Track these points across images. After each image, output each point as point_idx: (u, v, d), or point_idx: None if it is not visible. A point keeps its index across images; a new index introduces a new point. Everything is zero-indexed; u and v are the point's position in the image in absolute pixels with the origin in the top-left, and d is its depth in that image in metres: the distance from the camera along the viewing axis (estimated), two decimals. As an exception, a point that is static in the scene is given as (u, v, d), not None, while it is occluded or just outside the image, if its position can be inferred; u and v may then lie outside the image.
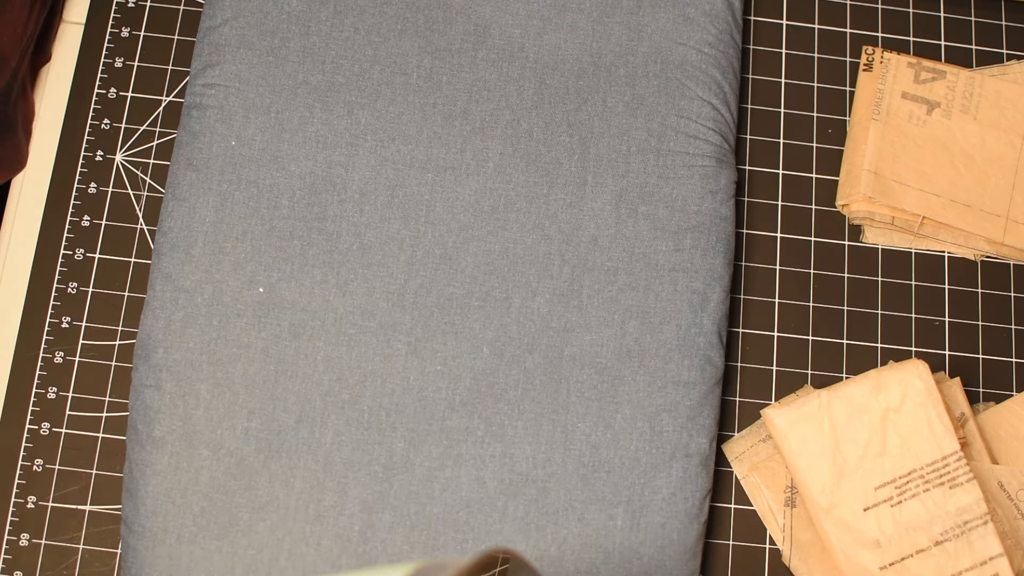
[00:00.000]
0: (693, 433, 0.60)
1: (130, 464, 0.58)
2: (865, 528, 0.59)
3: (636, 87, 0.65)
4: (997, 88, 0.70)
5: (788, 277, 0.67)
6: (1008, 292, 0.68)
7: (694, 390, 0.60)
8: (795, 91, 0.71)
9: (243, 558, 0.56)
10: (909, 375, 0.60)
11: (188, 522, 0.57)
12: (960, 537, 0.59)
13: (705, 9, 0.66)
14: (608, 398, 0.60)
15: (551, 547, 0.58)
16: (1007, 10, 0.74)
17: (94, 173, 0.66)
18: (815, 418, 0.60)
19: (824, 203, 0.69)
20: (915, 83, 0.70)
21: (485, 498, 0.58)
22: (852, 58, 0.72)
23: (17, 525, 0.60)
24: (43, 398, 0.62)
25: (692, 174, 0.64)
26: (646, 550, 0.58)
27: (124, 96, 0.67)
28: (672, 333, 0.61)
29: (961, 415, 0.63)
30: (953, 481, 0.60)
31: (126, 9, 0.69)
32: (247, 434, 0.58)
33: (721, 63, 0.66)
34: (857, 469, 0.60)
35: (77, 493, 0.61)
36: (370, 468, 0.58)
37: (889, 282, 0.68)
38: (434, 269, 0.61)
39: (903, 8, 0.73)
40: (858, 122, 0.69)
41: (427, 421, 0.59)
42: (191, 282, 0.60)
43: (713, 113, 0.65)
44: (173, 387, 0.58)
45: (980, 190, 0.68)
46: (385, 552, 0.57)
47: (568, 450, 0.59)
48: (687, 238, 0.63)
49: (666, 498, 0.59)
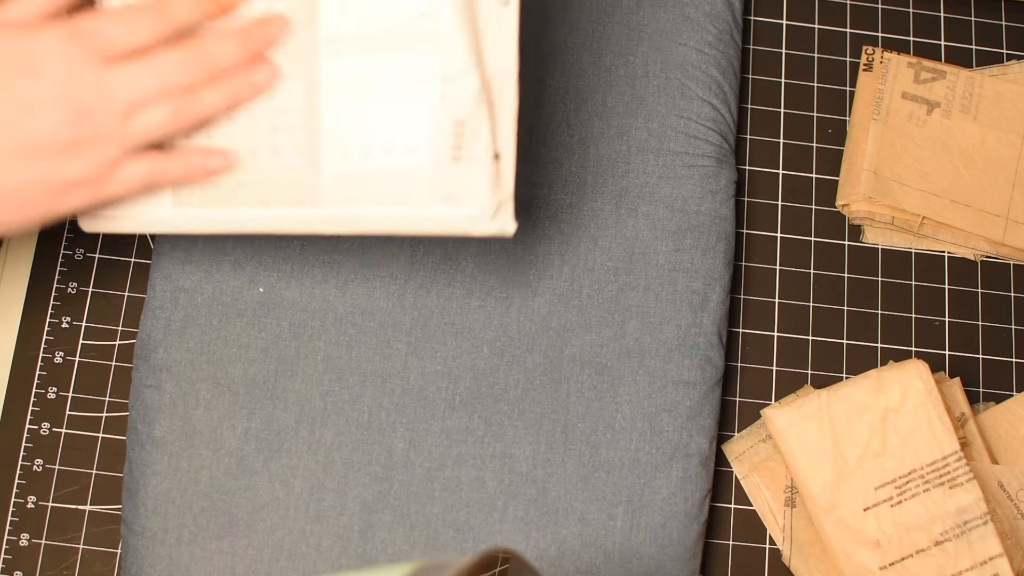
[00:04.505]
0: (693, 433, 0.60)
1: (130, 464, 0.58)
2: (865, 528, 0.59)
3: (636, 87, 0.65)
4: (997, 88, 0.70)
5: (788, 277, 0.67)
6: (1008, 292, 0.68)
7: (694, 390, 0.60)
8: (795, 91, 0.71)
9: (243, 558, 0.56)
10: (909, 375, 0.60)
11: (188, 522, 0.57)
12: (960, 537, 0.59)
13: (705, 9, 0.66)
14: (608, 398, 0.60)
15: (551, 547, 0.58)
16: (1007, 10, 0.74)
17: (94, 173, 0.66)
18: (815, 418, 0.60)
19: (824, 203, 0.69)
20: (915, 83, 0.70)
21: (485, 498, 0.58)
22: (852, 58, 0.72)
23: (17, 525, 0.60)
24: (43, 398, 0.62)
25: (692, 174, 0.64)
26: (646, 550, 0.58)
27: (124, 96, 0.67)
28: (672, 333, 0.61)
29: (961, 415, 0.63)
30: (953, 481, 0.60)
31: (126, 9, 0.69)
32: (247, 434, 0.58)
33: (721, 63, 0.66)
34: (857, 469, 0.60)
35: (77, 493, 0.61)
36: (370, 468, 0.58)
37: (889, 282, 0.68)
38: (434, 269, 0.61)
39: (903, 8, 0.73)
40: (858, 122, 0.69)
41: (427, 421, 0.59)
42: (191, 282, 0.60)
43: (713, 113, 0.65)
44: (173, 387, 0.58)
45: (980, 190, 0.68)
46: (385, 552, 0.57)
47: (568, 450, 0.59)
48: (687, 238, 0.63)
49: (666, 498, 0.59)
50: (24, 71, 0.41)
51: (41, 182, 0.42)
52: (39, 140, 0.41)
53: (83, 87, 0.42)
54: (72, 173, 0.43)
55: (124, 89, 0.43)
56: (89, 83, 0.42)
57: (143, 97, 0.43)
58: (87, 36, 0.42)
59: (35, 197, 0.43)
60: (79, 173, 0.43)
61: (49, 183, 0.42)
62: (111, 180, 0.44)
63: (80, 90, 0.42)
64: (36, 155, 0.42)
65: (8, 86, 0.41)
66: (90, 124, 0.42)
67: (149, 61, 0.43)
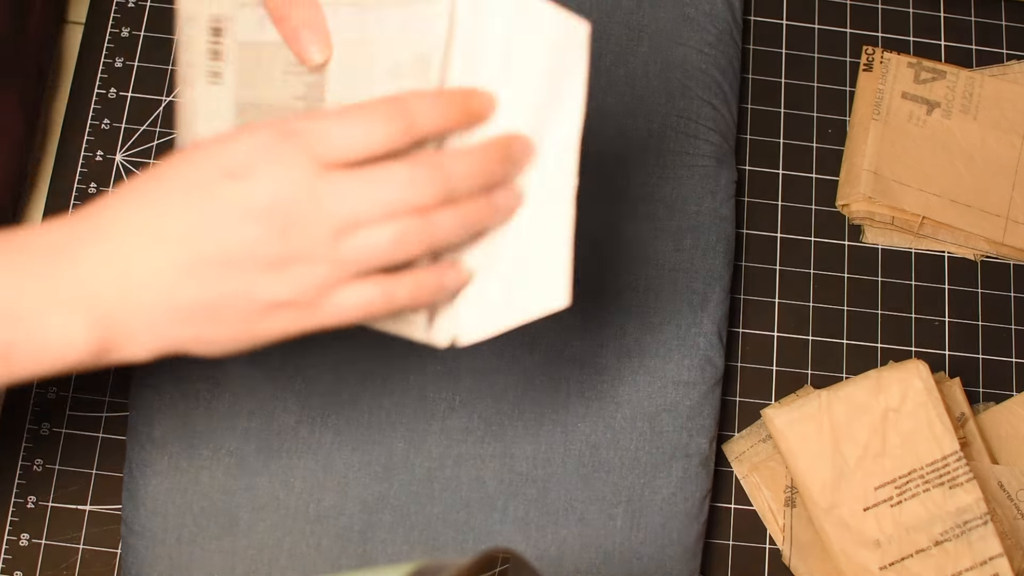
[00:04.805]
0: (693, 433, 0.60)
1: (130, 464, 0.58)
2: (865, 528, 0.59)
3: (636, 87, 0.65)
4: (997, 88, 0.70)
5: (788, 277, 0.67)
6: (1008, 292, 0.68)
7: (694, 390, 0.60)
8: (795, 91, 0.71)
9: (243, 558, 0.56)
10: (909, 375, 0.60)
11: (188, 522, 0.57)
12: (960, 537, 0.59)
13: (705, 9, 0.66)
14: (608, 398, 0.60)
15: (551, 547, 0.58)
16: (1007, 10, 0.74)
17: (94, 173, 0.66)
18: (815, 418, 0.60)
19: (824, 203, 0.69)
20: (915, 83, 0.70)
21: (485, 498, 0.58)
22: (852, 58, 0.72)
23: (17, 525, 0.60)
24: (43, 398, 0.62)
25: (692, 174, 0.63)
26: (646, 550, 0.58)
27: (124, 96, 0.67)
28: (672, 333, 0.61)
29: (961, 415, 0.63)
30: (953, 481, 0.60)
31: (126, 9, 0.69)
32: (247, 434, 0.58)
33: (721, 63, 0.66)
34: (857, 469, 0.60)
35: (77, 493, 0.61)
36: (370, 468, 0.58)
37: (889, 282, 0.68)
38: (434, 269, 0.61)
39: (903, 8, 0.73)
40: (858, 122, 0.69)
41: (427, 421, 0.59)
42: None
43: (713, 113, 0.65)
44: (173, 387, 0.58)
45: (980, 190, 0.68)
46: (385, 552, 0.57)
47: (568, 450, 0.59)
48: (687, 238, 0.63)
49: (666, 498, 0.59)
50: (228, 175, 0.36)
51: (241, 297, 0.36)
52: (240, 252, 0.36)
53: (292, 196, 0.36)
54: (276, 293, 0.36)
55: (340, 203, 0.36)
56: (299, 193, 0.36)
57: (362, 215, 0.36)
58: (303, 137, 0.36)
59: (235, 314, 0.37)
60: (284, 294, 0.36)
61: (250, 300, 0.36)
62: (322, 306, 0.37)
63: (288, 199, 0.36)
64: (237, 267, 0.36)
65: (210, 190, 0.36)
66: (297, 239, 0.36)
67: (373, 173, 0.36)
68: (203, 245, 0.36)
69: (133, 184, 0.37)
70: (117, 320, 0.36)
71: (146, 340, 0.37)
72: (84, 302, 0.35)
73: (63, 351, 0.36)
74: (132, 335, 0.36)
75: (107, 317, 0.36)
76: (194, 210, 0.36)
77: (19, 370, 0.36)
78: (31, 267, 0.35)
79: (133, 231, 0.36)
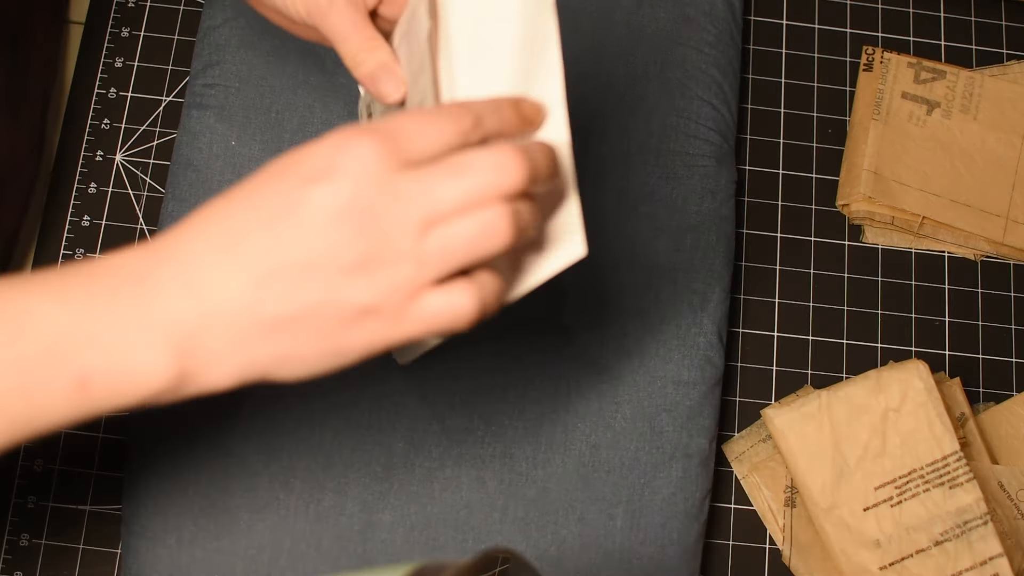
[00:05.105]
0: (693, 433, 0.60)
1: (130, 464, 0.58)
2: (865, 528, 0.59)
3: (636, 87, 0.65)
4: (997, 88, 0.70)
5: (788, 277, 0.67)
6: (1008, 292, 0.68)
7: (694, 390, 0.60)
8: (795, 91, 0.71)
9: (243, 558, 0.56)
10: (909, 375, 0.60)
11: (188, 522, 0.57)
12: (960, 537, 0.59)
13: (705, 9, 0.66)
14: (608, 398, 0.60)
15: (551, 547, 0.58)
16: (1007, 10, 0.74)
17: (94, 173, 0.66)
18: (815, 418, 0.60)
19: (824, 203, 0.69)
20: (915, 83, 0.70)
21: (485, 498, 0.58)
22: (852, 58, 0.72)
23: (17, 525, 0.60)
24: (43, 398, 0.62)
25: (692, 174, 0.63)
26: (646, 550, 0.58)
27: (124, 96, 0.67)
28: (672, 333, 0.61)
29: (961, 415, 0.63)
30: (953, 481, 0.60)
31: (126, 9, 0.69)
32: (247, 434, 0.58)
33: (721, 63, 0.66)
34: (857, 469, 0.60)
35: (77, 493, 0.61)
36: (370, 468, 0.58)
37: (889, 282, 0.68)
38: (434, 269, 0.61)
39: (903, 8, 0.73)
40: (858, 122, 0.69)
41: (427, 421, 0.59)
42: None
43: (713, 113, 0.65)
44: (173, 387, 0.58)
45: (980, 190, 0.68)
46: (385, 552, 0.57)
47: (568, 450, 0.59)
48: (687, 238, 0.63)
49: (666, 498, 0.59)
50: (308, 180, 0.35)
51: (325, 305, 0.35)
52: (322, 256, 0.34)
53: (372, 193, 0.34)
54: (361, 297, 0.35)
55: (422, 196, 0.35)
56: (380, 188, 0.35)
57: (446, 206, 0.35)
58: (380, 135, 0.35)
59: (319, 326, 0.35)
60: (369, 298, 0.35)
61: (335, 308, 0.35)
62: (408, 313, 0.36)
63: (369, 196, 0.34)
64: (318, 273, 0.34)
65: (291, 198, 0.35)
66: (379, 237, 0.34)
67: (455, 161, 0.35)
68: (284, 254, 0.34)
69: (215, 202, 0.36)
70: (197, 344, 0.34)
71: (227, 363, 0.35)
72: (163, 329, 0.34)
73: (143, 380, 0.34)
74: (212, 360, 0.35)
75: (187, 341, 0.34)
76: (275, 221, 0.35)
77: (98, 402, 0.34)
78: (110, 296, 0.34)
79: (213, 252, 0.35)
